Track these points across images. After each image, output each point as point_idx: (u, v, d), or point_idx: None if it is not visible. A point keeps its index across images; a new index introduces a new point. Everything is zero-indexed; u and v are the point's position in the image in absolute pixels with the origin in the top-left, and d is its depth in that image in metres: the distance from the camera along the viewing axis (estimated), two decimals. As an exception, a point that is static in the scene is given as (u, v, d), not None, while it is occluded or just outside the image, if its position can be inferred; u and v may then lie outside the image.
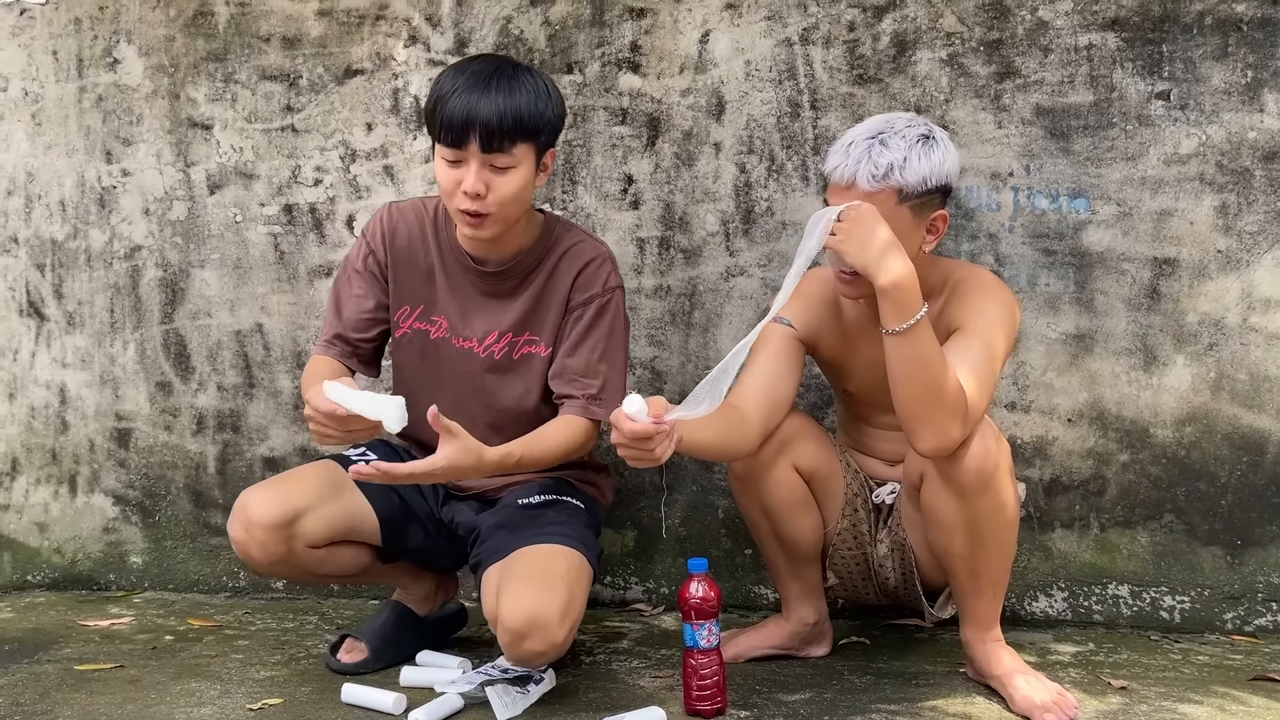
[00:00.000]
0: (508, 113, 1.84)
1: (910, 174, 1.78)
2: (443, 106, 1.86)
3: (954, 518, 1.80)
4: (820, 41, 2.37)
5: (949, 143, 1.84)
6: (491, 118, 1.83)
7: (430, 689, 1.90)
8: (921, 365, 1.69)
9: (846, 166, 1.80)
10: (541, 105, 1.89)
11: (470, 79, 1.86)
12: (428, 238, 2.06)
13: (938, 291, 1.91)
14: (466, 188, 1.86)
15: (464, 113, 1.84)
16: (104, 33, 2.64)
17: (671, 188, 2.45)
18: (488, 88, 1.85)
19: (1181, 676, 1.99)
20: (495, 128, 1.83)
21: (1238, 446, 2.26)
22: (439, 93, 1.88)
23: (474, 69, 1.89)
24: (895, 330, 1.70)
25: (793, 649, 2.09)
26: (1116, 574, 2.32)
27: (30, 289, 2.71)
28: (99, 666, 2.09)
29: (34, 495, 2.73)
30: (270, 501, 1.94)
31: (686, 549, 2.45)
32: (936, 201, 1.84)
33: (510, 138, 1.85)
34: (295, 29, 2.57)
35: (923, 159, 1.78)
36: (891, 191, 1.78)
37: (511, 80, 1.87)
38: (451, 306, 2.04)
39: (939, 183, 1.81)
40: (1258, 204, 2.24)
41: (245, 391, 2.63)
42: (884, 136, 1.79)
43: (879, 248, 1.70)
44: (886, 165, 1.77)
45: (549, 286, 2.02)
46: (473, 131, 1.84)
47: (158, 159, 2.64)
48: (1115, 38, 2.27)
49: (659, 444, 1.63)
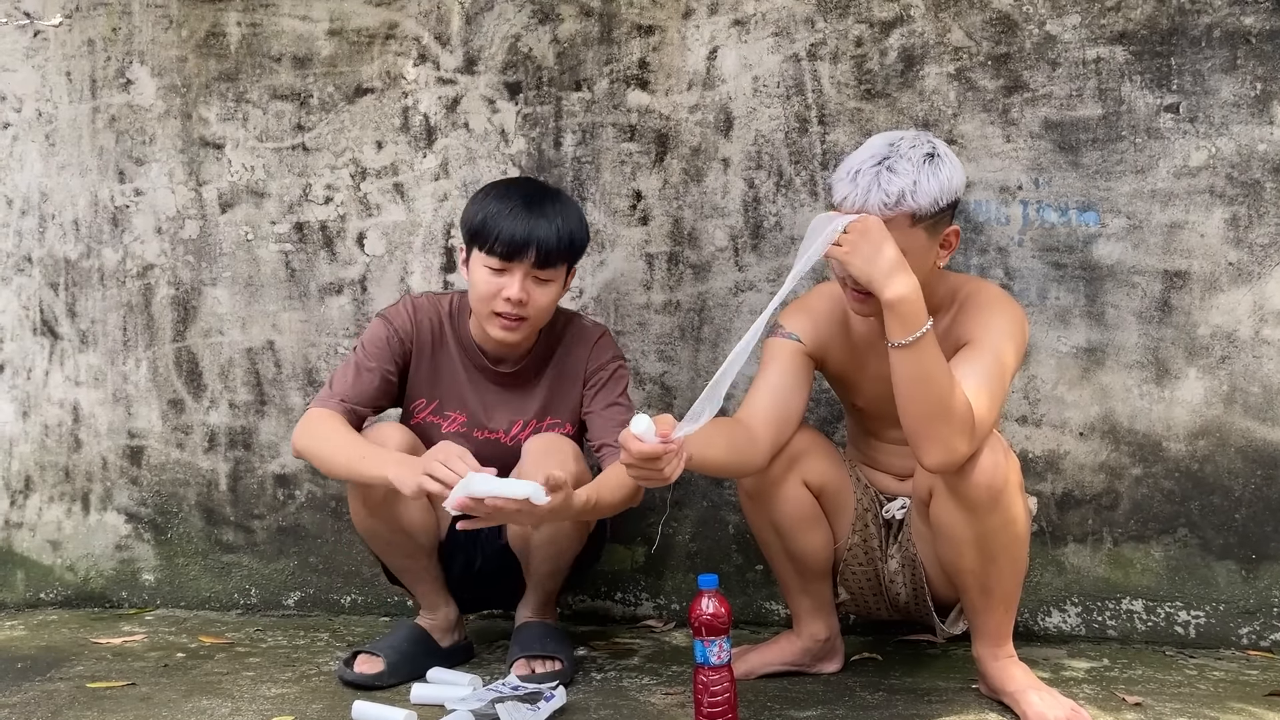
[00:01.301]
0: (564, 235, 2.02)
1: (922, 196, 1.76)
2: (499, 222, 2.00)
3: (964, 533, 1.79)
4: (828, 57, 2.38)
5: (953, 156, 1.84)
6: (550, 238, 2.00)
7: (441, 706, 1.89)
8: (927, 379, 1.68)
9: (856, 196, 1.77)
10: (583, 230, 2.09)
11: (524, 200, 2.02)
12: (446, 335, 2.17)
13: (946, 306, 1.91)
14: (511, 294, 2.00)
15: (525, 232, 1.99)
16: (117, 54, 2.67)
17: (680, 203, 2.46)
18: (543, 210, 2.02)
19: (1197, 692, 1.97)
20: (552, 248, 2.00)
21: (1251, 460, 2.25)
22: (489, 209, 2.02)
23: (522, 190, 2.06)
24: (900, 343, 1.69)
25: (804, 665, 2.08)
26: (1130, 589, 2.30)
27: (44, 308, 2.73)
28: (111, 684, 2.10)
29: (47, 513, 2.74)
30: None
31: (697, 565, 2.45)
32: (947, 219, 1.84)
33: (560, 257, 2.03)
34: (306, 48, 2.59)
35: (931, 179, 1.77)
36: (905, 216, 1.76)
37: (559, 204, 2.06)
38: (472, 401, 2.16)
39: (950, 200, 1.81)
40: (1268, 216, 2.23)
41: (257, 409, 2.64)
42: (890, 161, 1.77)
43: (885, 262, 1.70)
44: (898, 192, 1.75)
45: (563, 371, 2.16)
46: (530, 249, 1.99)
47: (170, 178, 2.66)
48: (1123, 51, 2.27)
49: (668, 463, 1.63)
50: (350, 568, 2.61)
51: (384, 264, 2.58)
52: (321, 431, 2.02)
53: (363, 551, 2.58)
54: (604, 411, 2.11)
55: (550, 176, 2.50)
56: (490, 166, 2.53)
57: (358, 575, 2.61)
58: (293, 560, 2.64)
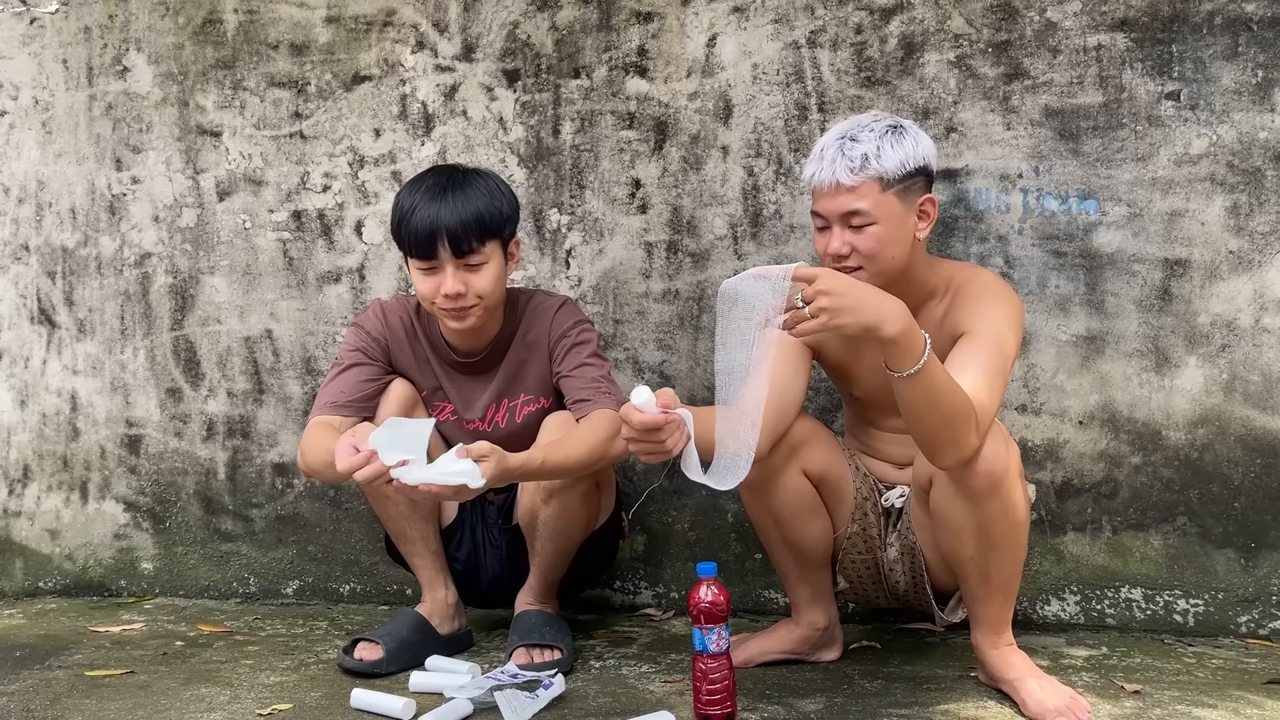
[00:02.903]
0: (469, 217, 1.98)
1: (886, 160, 1.82)
2: (407, 223, 2.00)
3: (964, 521, 1.79)
4: (827, 44, 2.37)
5: (920, 132, 1.89)
6: (455, 225, 1.97)
7: (439, 694, 1.89)
8: (936, 397, 1.65)
9: (823, 169, 1.84)
10: (497, 203, 2.03)
11: (426, 193, 2.01)
12: (417, 332, 2.19)
13: (940, 294, 1.91)
14: (446, 290, 2.00)
15: (429, 225, 1.98)
16: (113, 41, 2.66)
17: (679, 191, 2.45)
18: (444, 198, 1.99)
19: (1196, 680, 1.97)
20: (460, 233, 1.98)
21: (1251, 448, 2.25)
22: (400, 211, 2.03)
23: (428, 184, 2.03)
24: (906, 374, 1.62)
25: (803, 654, 2.08)
26: (1129, 577, 2.30)
27: (41, 296, 2.72)
28: (110, 672, 2.10)
29: (45, 502, 2.74)
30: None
31: (696, 553, 2.45)
32: (920, 186, 1.87)
33: (477, 238, 1.99)
34: (303, 36, 2.58)
35: (895, 146, 1.83)
36: (873, 181, 1.82)
37: (464, 187, 2.02)
38: (454, 393, 2.19)
39: (917, 164, 1.85)
40: (1269, 204, 2.22)
41: (255, 397, 2.64)
42: (853, 133, 1.85)
43: (872, 304, 1.59)
44: (861, 156, 1.81)
45: (526, 345, 2.16)
46: (440, 241, 1.97)
47: (167, 166, 2.65)
48: (1124, 38, 2.26)
49: (669, 435, 1.61)
50: (349, 556, 2.61)
51: (382, 252, 2.57)
52: (312, 446, 2.01)
53: (362, 540, 2.58)
54: (574, 372, 2.10)
55: (549, 164, 2.49)
56: (488, 154, 2.52)
57: (356, 564, 2.61)
58: (291, 549, 2.64)
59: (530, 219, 2.50)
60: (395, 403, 2.12)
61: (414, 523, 2.17)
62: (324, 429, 2.02)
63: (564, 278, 2.50)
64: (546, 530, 2.09)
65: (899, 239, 1.83)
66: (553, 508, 2.06)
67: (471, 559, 2.24)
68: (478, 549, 2.24)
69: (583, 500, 2.08)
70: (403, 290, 2.56)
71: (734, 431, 1.62)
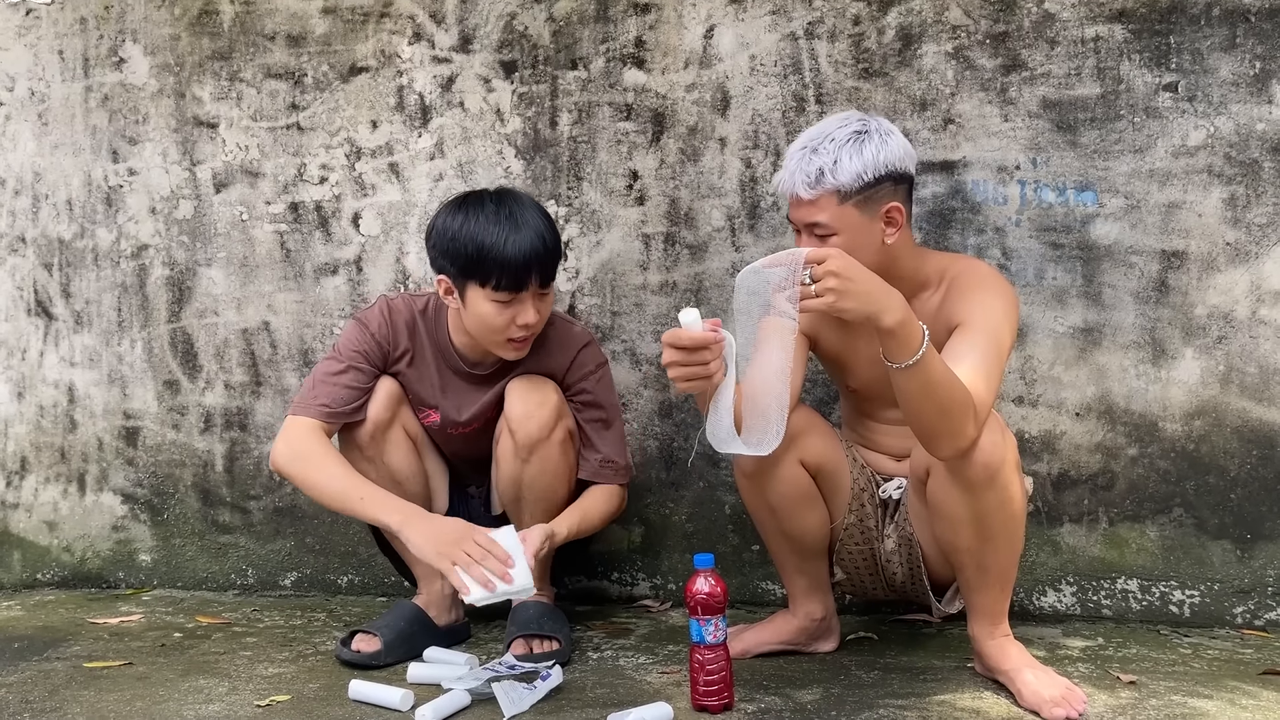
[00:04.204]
0: (551, 244, 1.98)
1: (843, 173, 1.81)
2: (498, 255, 1.93)
3: (961, 512, 1.79)
4: (825, 35, 2.37)
5: (890, 134, 1.86)
6: (544, 255, 1.96)
7: (437, 685, 1.90)
8: (933, 389, 1.66)
9: (784, 181, 1.86)
10: (551, 223, 2.02)
11: (509, 223, 1.95)
12: (421, 337, 2.16)
13: (933, 285, 1.92)
14: (526, 321, 1.99)
15: (524, 258, 1.93)
16: (109, 32, 2.65)
17: (677, 183, 2.45)
18: (522, 226, 1.95)
19: (1191, 671, 1.98)
20: (550, 263, 1.98)
21: (1247, 440, 2.25)
22: (478, 240, 1.94)
23: (500, 212, 1.97)
24: (905, 365, 1.63)
25: (800, 644, 2.08)
26: (1126, 568, 2.31)
27: (38, 288, 2.72)
28: (108, 664, 2.10)
29: (43, 494, 2.74)
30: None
31: (694, 545, 2.45)
32: (885, 194, 1.85)
33: (557, 265, 2.02)
34: (300, 27, 2.57)
35: (854, 156, 1.82)
36: (830, 195, 1.82)
37: (523, 210, 1.98)
38: (445, 401, 2.17)
39: (877, 174, 1.83)
40: (1266, 196, 2.22)
41: (253, 389, 2.64)
42: (816, 143, 1.84)
43: (876, 292, 1.61)
44: (817, 170, 1.82)
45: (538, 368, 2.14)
46: (533, 273, 1.95)
47: (164, 158, 2.64)
48: (1122, 29, 2.26)
49: (715, 356, 1.62)
50: (347, 548, 2.62)
51: (379, 244, 2.57)
52: (310, 457, 2.02)
53: (359, 532, 2.59)
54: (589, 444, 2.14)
55: (546, 156, 2.49)
56: (485, 146, 2.51)
57: (354, 555, 2.61)
58: (289, 541, 2.64)
59: (528, 211, 2.50)
60: (383, 400, 2.12)
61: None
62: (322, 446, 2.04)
63: (562, 269, 2.50)
64: (532, 493, 2.10)
65: (864, 247, 1.82)
66: (534, 465, 2.07)
67: None
68: None
69: (561, 451, 2.09)
70: (400, 284, 2.56)
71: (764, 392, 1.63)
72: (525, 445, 2.06)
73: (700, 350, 1.62)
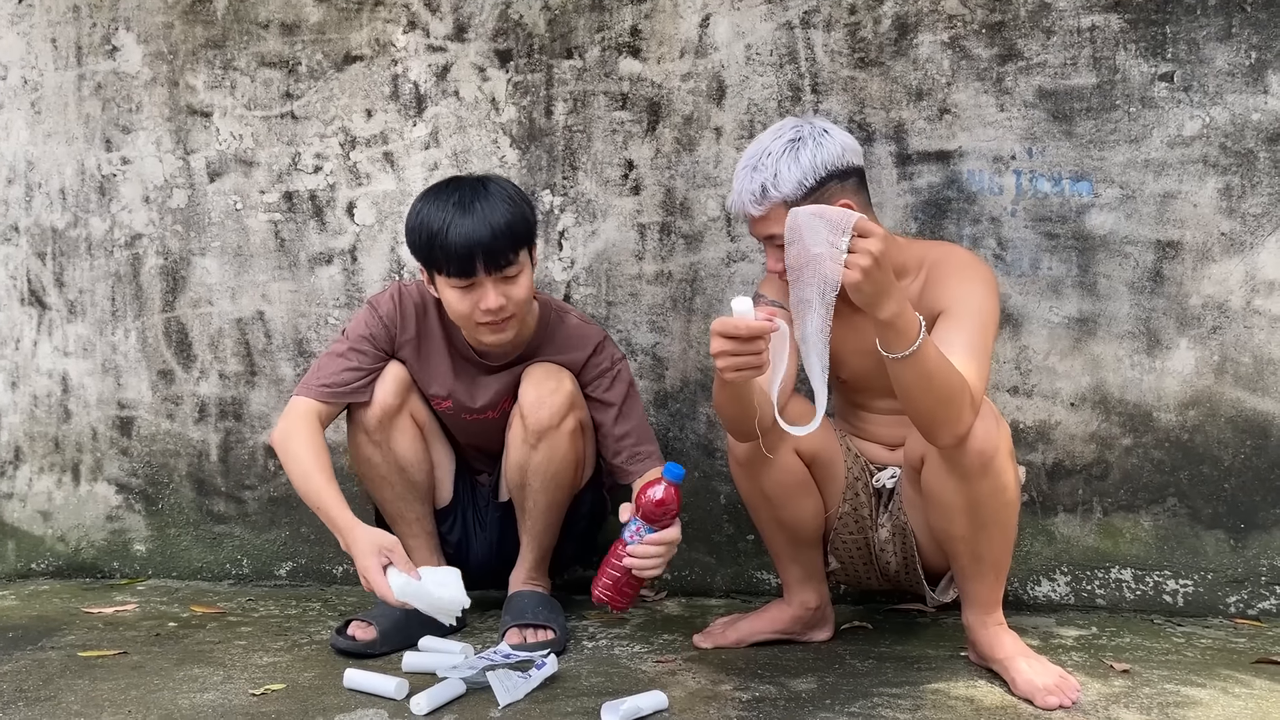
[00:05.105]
0: (502, 229, 1.95)
1: (784, 184, 1.85)
2: (442, 242, 1.94)
3: (955, 500, 1.80)
4: (821, 25, 2.36)
5: (825, 133, 1.87)
6: (490, 239, 1.94)
7: (433, 674, 1.90)
8: (930, 379, 1.67)
9: (734, 202, 1.93)
10: (521, 209, 2.00)
11: (456, 209, 1.95)
12: (431, 324, 2.16)
13: (913, 271, 1.94)
14: (487, 306, 1.97)
15: (465, 242, 1.93)
16: (102, 20, 2.64)
17: (672, 173, 2.44)
18: (473, 211, 1.95)
19: (1185, 660, 1.99)
20: (497, 247, 1.94)
21: (1241, 430, 2.26)
22: (429, 228, 1.96)
23: (452, 199, 1.97)
24: (902, 355, 1.64)
25: (795, 633, 2.09)
26: (1119, 558, 2.31)
27: (31, 277, 2.71)
28: (103, 653, 2.10)
29: (37, 484, 2.73)
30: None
31: (688, 535, 2.44)
32: (833, 192, 1.86)
33: (512, 249, 1.97)
34: (294, 15, 2.56)
35: (792, 166, 1.85)
36: (778, 206, 1.86)
37: (488, 198, 1.97)
38: (459, 389, 2.17)
39: (818, 177, 1.86)
40: (1261, 186, 2.23)
41: (247, 379, 2.63)
42: (755, 160, 1.89)
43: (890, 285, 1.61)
44: (759, 187, 1.87)
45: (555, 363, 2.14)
46: (478, 259, 1.94)
47: (157, 147, 2.63)
48: (1118, 19, 2.25)
49: (767, 345, 1.61)
50: (342, 538, 2.62)
51: (374, 234, 2.56)
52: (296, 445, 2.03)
53: (354, 522, 2.58)
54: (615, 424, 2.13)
55: (541, 145, 2.49)
56: (480, 135, 2.51)
57: (349, 545, 2.61)
58: (284, 531, 2.64)
59: (523, 200, 2.49)
60: (391, 386, 2.12)
61: (411, 504, 2.18)
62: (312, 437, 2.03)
63: (557, 259, 2.50)
64: (538, 480, 2.10)
65: None
66: (542, 452, 2.07)
67: (463, 541, 2.25)
68: (469, 530, 2.25)
69: (570, 441, 2.09)
70: (394, 273, 2.56)
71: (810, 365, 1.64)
72: (535, 431, 2.06)
73: (755, 340, 1.60)
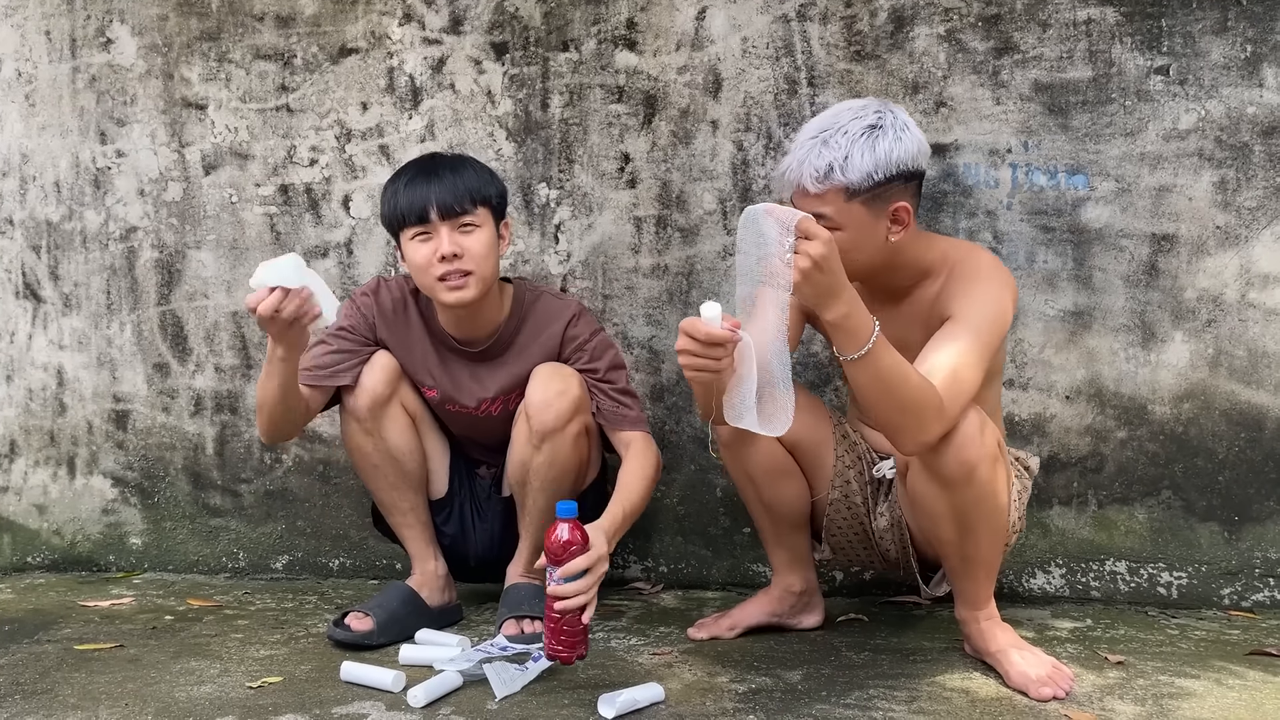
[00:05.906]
0: (461, 186, 2.05)
1: (853, 171, 1.74)
2: (399, 196, 2.06)
3: (939, 507, 1.78)
4: (817, 18, 2.36)
5: (906, 128, 1.78)
6: (446, 191, 2.04)
7: (429, 667, 1.90)
8: (885, 381, 1.64)
9: (792, 169, 1.78)
10: (485, 176, 2.10)
11: (417, 169, 2.08)
12: (410, 314, 2.19)
13: (936, 271, 1.89)
14: (443, 251, 2.02)
15: (422, 192, 2.04)
16: (97, 12, 2.63)
17: (668, 166, 2.44)
18: (435, 171, 2.06)
19: (1179, 651, 2.00)
20: (452, 197, 2.03)
21: (1236, 423, 2.26)
22: (393, 186, 2.09)
23: (419, 163, 2.11)
24: (852, 358, 1.63)
25: (782, 617, 2.09)
26: (1114, 550, 2.32)
27: (26, 271, 2.70)
28: (99, 646, 2.10)
29: (33, 477, 2.73)
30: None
31: (685, 528, 2.46)
32: (895, 192, 1.78)
33: (469, 200, 2.05)
34: (289, 7, 2.56)
35: (866, 154, 1.74)
36: (838, 191, 1.75)
37: (454, 162, 2.10)
38: (444, 380, 2.19)
39: (888, 174, 1.75)
40: (1257, 179, 2.23)
41: (243, 372, 2.63)
42: (828, 134, 1.76)
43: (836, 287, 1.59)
44: (826, 165, 1.74)
45: (534, 347, 2.16)
46: (431, 205, 2.02)
47: (152, 140, 2.63)
48: (1114, 12, 2.25)
49: (727, 354, 1.61)
50: (338, 531, 2.62)
51: (369, 227, 2.56)
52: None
53: (351, 515, 2.59)
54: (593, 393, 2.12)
55: (538, 138, 2.48)
56: (477, 128, 2.50)
57: (346, 539, 2.61)
58: (280, 524, 2.64)
59: (519, 194, 2.49)
60: (380, 373, 2.14)
61: (404, 494, 2.18)
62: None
63: (553, 253, 2.50)
64: (539, 480, 2.09)
65: (865, 245, 1.78)
66: (544, 453, 2.07)
67: (460, 533, 2.25)
68: (466, 523, 2.25)
69: (574, 444, 2.08)
70: (390, 266, 2.55)
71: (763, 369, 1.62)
72: (539, 433, 2.06)
73: (714, 346, 1.60)
